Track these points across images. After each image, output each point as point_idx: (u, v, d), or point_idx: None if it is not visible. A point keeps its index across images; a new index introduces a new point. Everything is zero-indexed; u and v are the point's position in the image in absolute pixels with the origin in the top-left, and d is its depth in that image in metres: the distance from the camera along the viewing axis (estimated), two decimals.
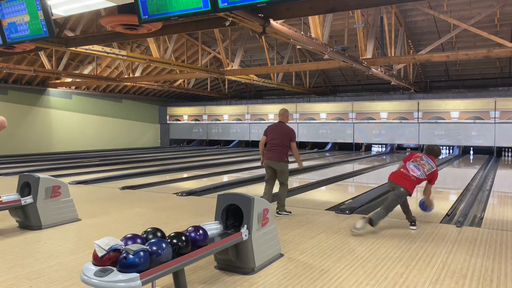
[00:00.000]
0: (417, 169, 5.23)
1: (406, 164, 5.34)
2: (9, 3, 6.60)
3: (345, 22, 11.84)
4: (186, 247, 3.11)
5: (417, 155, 5.44)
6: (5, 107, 17.46)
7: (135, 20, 5.97)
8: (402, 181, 5.17)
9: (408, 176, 5.19)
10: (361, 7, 8.68)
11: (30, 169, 11.54)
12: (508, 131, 16.80)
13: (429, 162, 5.35)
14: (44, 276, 3.74)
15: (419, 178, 5.21)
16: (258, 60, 19.70)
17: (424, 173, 5.25)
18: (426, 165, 5.31)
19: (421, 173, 5.22)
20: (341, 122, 20.23)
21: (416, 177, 5.19)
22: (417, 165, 5.27)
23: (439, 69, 18.99)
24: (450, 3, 12.97)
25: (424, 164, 5.30)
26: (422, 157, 5.40)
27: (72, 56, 16.70)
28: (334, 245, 4.66)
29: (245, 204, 3.81)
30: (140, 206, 6.77)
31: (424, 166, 5.28)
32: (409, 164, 5.29)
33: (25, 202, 5.31)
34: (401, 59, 12.78)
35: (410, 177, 5.18)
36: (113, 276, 2.59)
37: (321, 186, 9.56)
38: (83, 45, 9.74)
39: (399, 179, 5.21)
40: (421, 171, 5.23)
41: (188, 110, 24.84)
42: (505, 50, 10.42)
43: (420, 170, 5.24)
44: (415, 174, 5.19)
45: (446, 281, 3.62)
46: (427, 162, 5.34)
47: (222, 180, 10.62)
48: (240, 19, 6.09)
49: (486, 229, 5.32)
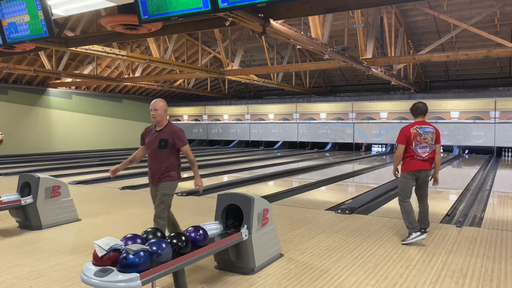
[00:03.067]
0: (425, 148, 4.85)
1: (412, 149, 4.85)
2: (9, 3, 6.60)
3: (345, 22, 11.83)
4: (186, 247, 3.11)
5: (415, 134, 4.83)
6: (5, 107, 17.47)
7: (135, 20, 5.96)
8: (426, 165, 4.87)
9: (424, 159, 4.86)
10: (361, 7, 8.68)
11: (30, 169, 11.53)
12: (508, 131, 16.79)
13: (426, 130, 4.86)
14: (44, 276, 3.74)
15: (431, 152, 4.89)
16: (258, 60, 19.69)
17: (432, 144, 4.87)
18: (428, 135, 4.85)
19: (430, 147, 4.87)
20: (341, 122, 20.23)
21: (428, 154, 4.86)
22: (422, 145, 4.84)
23: (439, 69, 18.98)
24: (450, 3, 12.97)
25: (425, 137, 4.84)
26: (419, 133, 4.84)
27: (72, 56, 16.70)
28: (334, 245, 4.66)
29: (245, 204, 3.81)
30: (140, 206, 6.77)
31: (427, 139, 4.84)
32: (416, 149, 4.83)
33: (25, 202, 5.31)
34: (401, 59, 12.78)
35: (426, 159, 4.87)
36: (113, 276, 2.59)
37: (321, 186, 9.56)
38: (83, 45, 9.74)
39: (423, 164, 4.86)
40: (429, 145, 4.86)
41: (188, 110, 24.83)
42: (505, 50, 10.42)
43: (428, 146, 4.86)
44: (426, 154, 4.85)
45: (446, 281, 3.62)
46: (424, 132, 4.84)
47: (222, 180, 10.62)
48: (240, 19, 6.08)
49: (486, 229, 5.32)
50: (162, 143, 4.19)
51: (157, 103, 4.21)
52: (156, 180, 4.25)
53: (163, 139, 4.19)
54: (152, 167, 4.28)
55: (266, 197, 5.24)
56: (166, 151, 4.21)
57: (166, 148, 4.19)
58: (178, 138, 4.23)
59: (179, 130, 4.28)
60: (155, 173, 4.25)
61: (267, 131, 22.35)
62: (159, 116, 4.20)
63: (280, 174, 11.65)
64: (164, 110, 4.23)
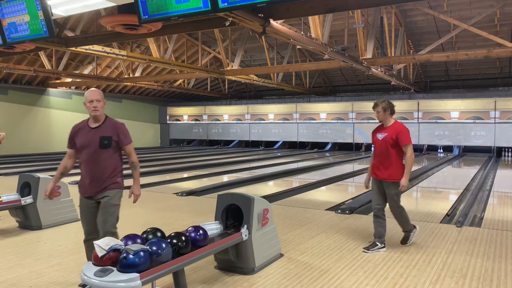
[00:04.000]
0: None
1: None
2: (9, 3, 6.60)
3: (345, 22, 11.82)
4: (186, 247, 3.11)
5: None
6: (5, 107, 17.47)
7: (135, 20, 5.96)
8: None
9: None
10: (361, 7, 8.67)
11: (30, 169, 11.52)
12: (508, 131, 16.79)
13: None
14: (44, 276, 3.74)
15: None
16: (258, 60, 19.69)
17: None
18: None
19: None
20: (341, 122, 20.23)
21: None
22: None
23: (439, 69, 18.98)
24: (450, 3, 12.97)
25: None
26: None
27: (72, 56, 16.69)
28: (334, 245, 4.66)
29: (245, 204, 3.81)
30: (140, 206, 6.76)
31: None
32: None
33: (25, 202, 5.31)
34: (401, 59, 12.78)
35: None
36: (113, 276, 2.59)
37: (321, 186, 9.56)
38: (83, 45, 9.74)
39: None
40: None
41: (188, 110, 24.83)
42: (505, 50, 10.42)
43: None
44: None
45: (446, 281, 3.62)
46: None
47: (222, 180, 10.62)
48: (240, 19, 6.08)
49: (486, 229, 5.32)
50: (105, 141, 3.42)
51: (98, 93, 3.49)
52: (98, 189, 3.41)
53: (105, 137, 3.42)
54: (92, 173, 3.42)
55: (266, 197, 5.22)
56: (110, 152, 3.44)
57: (110, 148, 3.43)
58: (123, 134, 3.51)
59: (122, 125, 3.56)
60: (96, 181, 3.41)
61: (267, 131, 22.35)
62: (102, 109, 3.47)
63: (280, 174, 11.65)
64: (104, 101, 3.52)
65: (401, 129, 4.42)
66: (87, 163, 3.44)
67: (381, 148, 4.47)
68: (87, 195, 3.45)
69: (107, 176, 3.43)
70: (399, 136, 4.36)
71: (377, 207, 4.54)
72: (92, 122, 3.50)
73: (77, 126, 3.55)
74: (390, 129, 4.46)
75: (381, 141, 4.47)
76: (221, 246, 3.51)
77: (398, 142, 4.37)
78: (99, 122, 3.49)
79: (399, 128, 4.44)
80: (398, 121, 4.57)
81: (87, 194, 3.46)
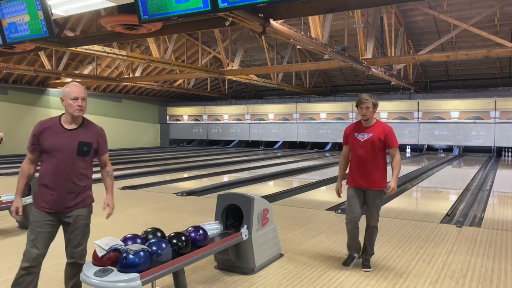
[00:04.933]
0: None
1: None
2: (9, 3, 6.60)
3: (345, 22, 11.83)
4: (186, 247, 3.11)
5: None
6: (5, 107, 17.47)
7: (135, 20, 5.97)
8: None
9: None
10: (361, 7, 8.68)
11: None
12: (508, 131, 16.79)
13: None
14: (44, 276, 3.74)
15: None
16: (258, 60, 19.69)
17: None
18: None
19: None
20: (341, 122, 20.22)
21: None
22: None
23: (439, 69, 18.99)
24: (450, 3, 12.97)
25: None
26: None
27: (72, 56, 16.70)
28: (334, 245, 4.66)
29: (245, 204, 3.81)
30: (140, 206, 6.77)
31: None
32: None
33: (25, 202, 5.30)
34: (401, 59, 12.78)
35: None
36: (113, 276, 2.59)
37: (321, 186, 9.55)
38: (83, 45, 9.74)
39: None
40: None
41: (188, 110, 24.84)
42: (505, 50, 10.42)
43: None
44: None
45: (446, 281, 3.61)
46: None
47: (222, 180, 10.62)
48: (240, 19, 6.08)
49: (486, 229, 5.32)
50: (85, 148, 2.89)
51: (84, 90, 2.99)
52: (68, 205, 2.88)
53: (85, 143, 2.90)
54: (64, 184, 2.85)
55: (266, 197, 5.23)
56: (87, 161, 2.95)
57: (88, 156, 2.94)
58: (105, 142, 3.08)
59: (103, 130, 3.13)
60: (67, 194, 2.87)
61: (267, 131, 22.35)
62: (85, 109, 2.96)
63: (280, 174, 11.65)
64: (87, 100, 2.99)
65: (389, 129, 3.86)
66: (58, 171, 2.84)
67: (365, 151, 3.83)
68: (52, 210, 2.86)
69: (81, 190, 2.92)
70: (388, 137, 3.80)
71: (357, 215, 3.92)
72: (67, 123, 2.94)
73: (45, 123, 2.97)
74: (376, 129, 3.85)
75: (363, 142, 3.84)
76: (221, 246, 3.51)
77: (385, 144, 3.82)
78: (77, 124, 2.96)
79: (386, 128, 3.87)
80: (379, 120, 4.00)
81: (51, 209, 2.86)
